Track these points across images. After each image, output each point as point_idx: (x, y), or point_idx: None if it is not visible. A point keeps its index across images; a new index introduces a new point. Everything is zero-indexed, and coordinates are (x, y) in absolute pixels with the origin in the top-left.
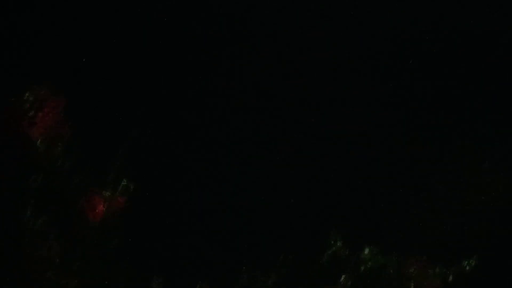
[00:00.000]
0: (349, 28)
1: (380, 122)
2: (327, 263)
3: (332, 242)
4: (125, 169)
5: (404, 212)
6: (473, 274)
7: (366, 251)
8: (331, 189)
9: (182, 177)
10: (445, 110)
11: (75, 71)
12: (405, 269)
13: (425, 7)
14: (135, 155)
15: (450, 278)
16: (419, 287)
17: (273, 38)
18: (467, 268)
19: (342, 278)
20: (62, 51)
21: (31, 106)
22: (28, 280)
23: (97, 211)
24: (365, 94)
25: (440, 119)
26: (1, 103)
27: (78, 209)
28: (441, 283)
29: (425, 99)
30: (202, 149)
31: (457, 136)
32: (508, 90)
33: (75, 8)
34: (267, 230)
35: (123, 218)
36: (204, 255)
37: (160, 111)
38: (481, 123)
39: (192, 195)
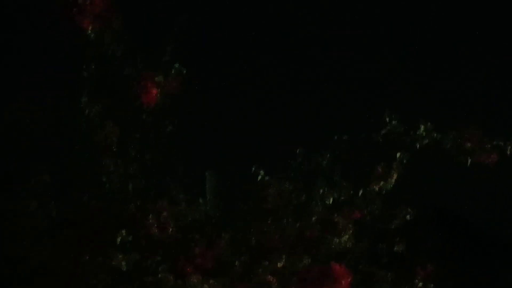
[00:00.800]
0: None
1: None
2: (382, 142)
3: (387, 120)
4: (177, 53)
5: (459, 87)
6: None
7: (422, 128)
8: (385, 67)
9: (237, 60)
10: None
11: None
12: (462, 144)
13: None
14: (187, 39)
15: (508, 150)
16: (476, 161)
17: None
18: None
19: (398, 156)
20: None
21: None
22: (89, 166)
23: (151, 95)
24: None
25: None
26: None
27: (133, 94)
28: (499, 156)
29: None
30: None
31: None
32: None
33: None
34: (321, 111)
35: (177, 102)
36: (258, 138)
37: None
38: None
39: (244, 79)
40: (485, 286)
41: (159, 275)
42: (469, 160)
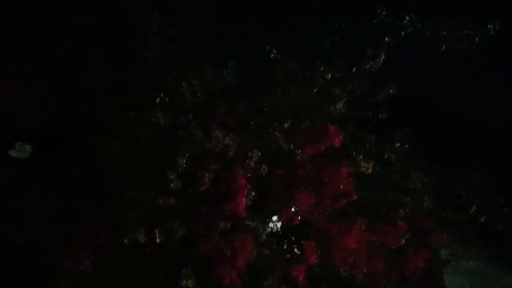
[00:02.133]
0: None
1: None
2: (374, 29)
3: (379, 12)
4: None
5: None
6: (495, 34)
7: (407, 19)
8: None
9: None
10: None
11: None
12: (440, 32)
13: None
14: None
15: (476, 39)
16: (450, 47)
17: None
18: (491, 30)
19: (386, 40)
20: None
21: None
22: (135, 44)
23: None
24: None
25: None
26: None
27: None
28: (469, 43)
29: None
30: None
31: None
32: None
33: None
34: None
35: None
36: (273, 25)
37: None
38: None
39: None
40: (447, 152)
41: (190, 130)
42: (444, 46)
